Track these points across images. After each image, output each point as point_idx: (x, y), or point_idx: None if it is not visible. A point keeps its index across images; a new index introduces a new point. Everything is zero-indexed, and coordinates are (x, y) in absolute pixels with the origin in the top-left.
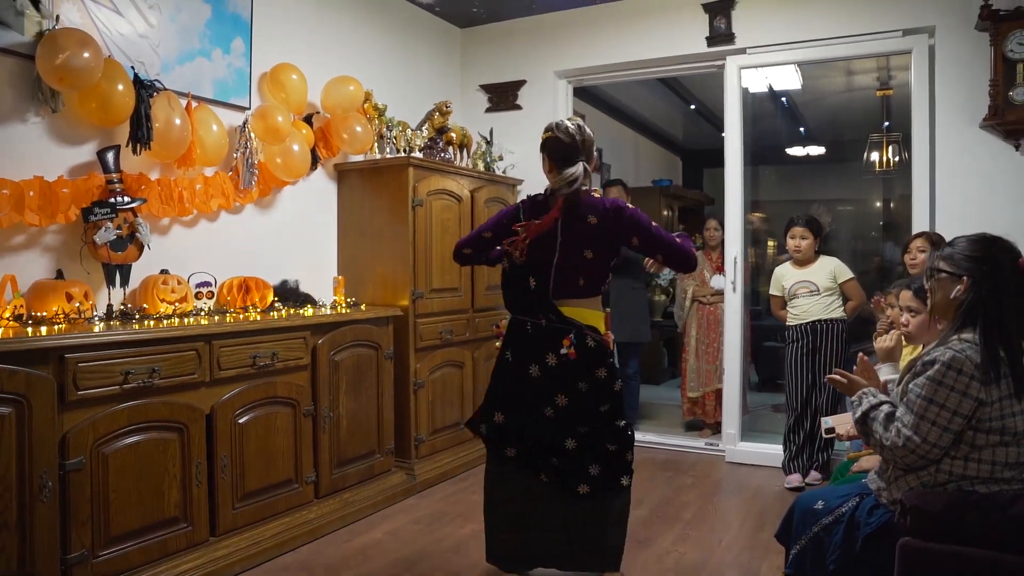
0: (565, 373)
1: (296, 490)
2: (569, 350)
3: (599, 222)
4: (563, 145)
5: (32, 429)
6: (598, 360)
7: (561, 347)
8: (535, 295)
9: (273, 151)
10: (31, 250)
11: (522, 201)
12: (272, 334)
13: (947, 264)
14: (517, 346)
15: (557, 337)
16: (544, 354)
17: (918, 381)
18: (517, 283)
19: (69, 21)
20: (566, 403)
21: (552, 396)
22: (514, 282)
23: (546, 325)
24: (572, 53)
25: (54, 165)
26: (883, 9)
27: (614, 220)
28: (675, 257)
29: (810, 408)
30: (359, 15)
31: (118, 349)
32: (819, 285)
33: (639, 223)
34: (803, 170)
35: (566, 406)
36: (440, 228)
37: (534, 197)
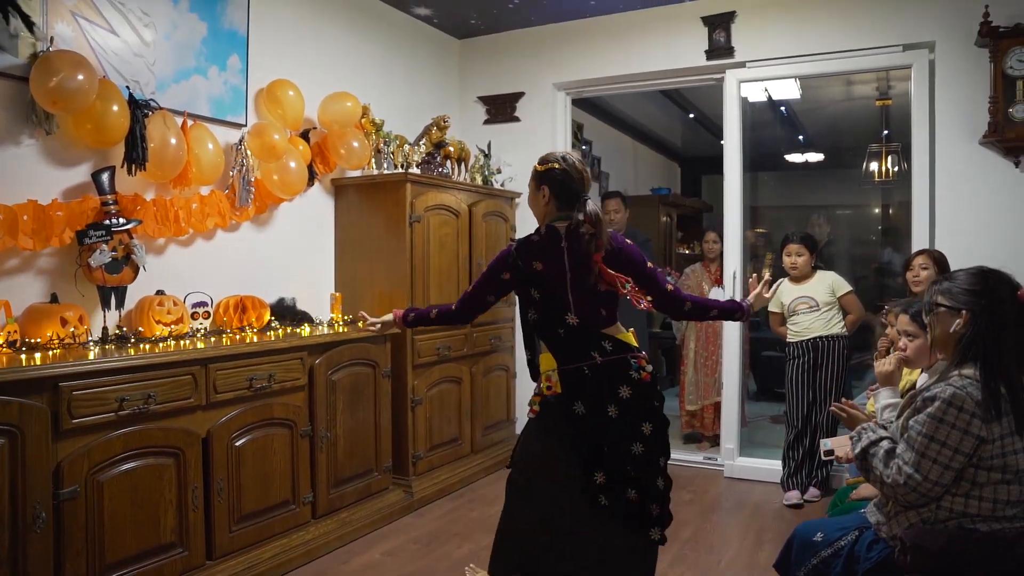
0: (643, 399)
1: (293, 511)
2: (642, 373)
3: (605, 255)
4: (572, 181)
5: (25, 460)
6: (654, 378)
7: (629, 374)
8: (580, 332)
9: (270, 168)
10: (25, 273)
11: (515, 248)
12: (269, 356)
13: (946, 298)
14: (583, 394)
15: (619, 368)
16: (616, 390)
17: (919, 418)
18: (556, 327)
19: (64, 42)
20: (651, 430)
21: (638, 428)
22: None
23: (602, 361)
24: (571, 65)
25: (48, 187)
26: (883, 24)
27: (614, 256)
28: (666, 304)
29: (810, 425)
30: (356, 28)
31: (113, 376)
32: (818, 300)
33: (635, 261)
34: (802, 176)
35: (652, 433)
36: (438, 244)
37: (528, 238)
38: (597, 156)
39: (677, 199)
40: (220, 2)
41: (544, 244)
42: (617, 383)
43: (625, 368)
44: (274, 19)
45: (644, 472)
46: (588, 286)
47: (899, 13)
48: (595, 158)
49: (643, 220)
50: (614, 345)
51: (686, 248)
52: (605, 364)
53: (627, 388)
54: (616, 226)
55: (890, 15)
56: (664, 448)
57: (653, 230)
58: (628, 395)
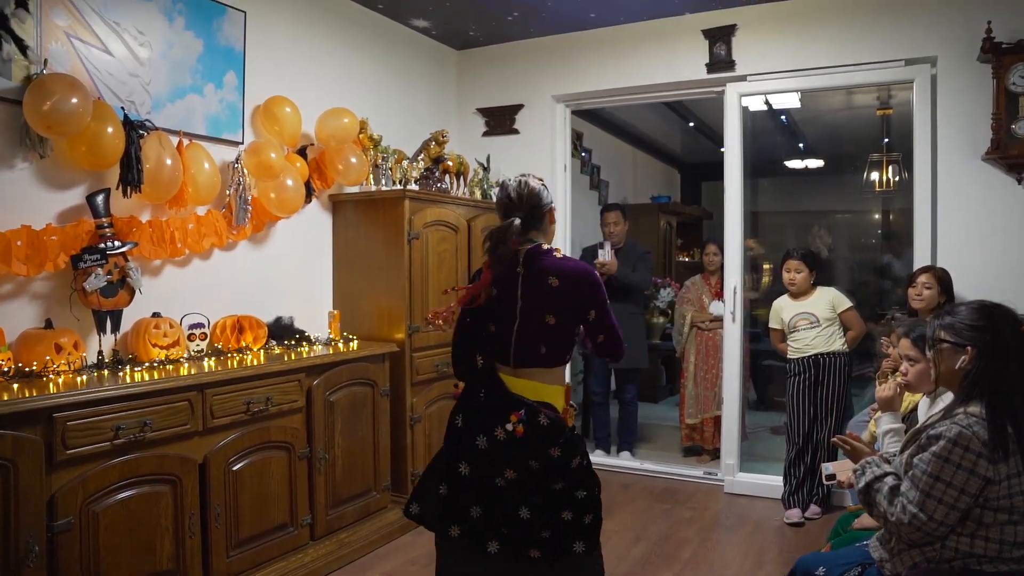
0: (513, 450)
1: (291, 533)
2: (516, 427)
3: (560, 284)
4: (504, 204)
5: (18, 492)
6: (551, 438)
7: (507, 423)
8: (485, 365)
9: (267, 186)
10: (19, 299)
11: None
12: (266, 379)
13: (949, 334)
14: (468, 413)
15: (506, 410)
16: (493, 426)
17: (923, 456)
18: (467, 348)
19: (58, 63)
20: (515, 477)
21: (501, 469)
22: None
23: (499, 395)
24: (570, 77)
25: (43, 211)
26: (885, 38)
27: (576, 284)
28: (608, 346)
29: (811, 442)
30: (354, 42)
31: (107, 404)
32: (819, 316)
33: (599, 297)
34: (802, 182)
35: (515, 479)
36: (436, 260)
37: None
38: (597, 164)
39: (677, 207)
40: (216, 19)
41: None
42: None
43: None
44: (271, 35)
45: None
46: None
47: (901, 28)
48: (595, 166)
49: (643, 228)
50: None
51: (686, 256)
52: (499, 398)
53: (501, 431)
54: (616, 238)
55: (892, 30)
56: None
57: (653, 238)
58: (502, 437)
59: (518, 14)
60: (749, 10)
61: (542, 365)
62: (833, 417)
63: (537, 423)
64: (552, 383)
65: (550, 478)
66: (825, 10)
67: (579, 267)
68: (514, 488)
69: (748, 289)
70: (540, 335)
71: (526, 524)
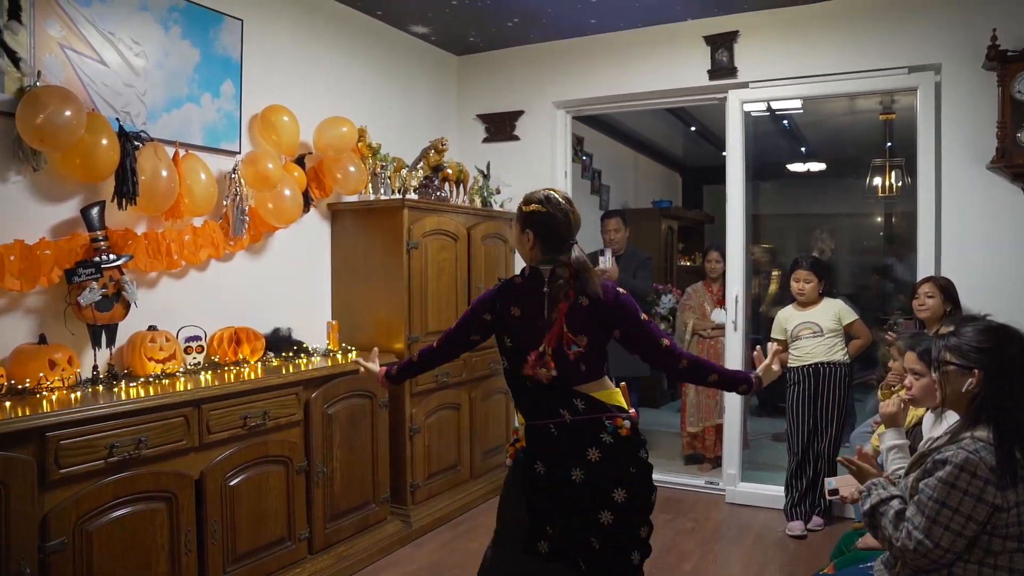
0: (616, 462)
1: (289, 548)
2: (621, 430)
3: (590, 304)
4: (557, 224)
5: (9, 514)
6: (638, 441)
7: (600, 436)
8: (548, 388)
9: (264, 196)
10: (12, 314)
11: (498, 286)
12: (263, 392)
13: (955, 356)
14: (546, 454)
15: (589, 429)
16: (584, 452)
17: (929, 482)
18: (524, 379)
19: (52, 75)
20: (625, 497)
21: (608, 495)
22: (519, 379)
23: (571, 420)
24: (571, 83)
25: (37, 224)
26: (889, 46)
27: (607, 303)
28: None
29: (812, 452)
30: (352, 49)
31: (102, 422)
32: (823, 327)
33: (629, 315)
34: (804, 184)
35: (626, 500)
36: (436, 269)
37: (511, 280)
38: (597, 169)
39: (678, 211)
40: (213, 28)
41: (525, 288)
42: (586, 445)
43: (597, 429)
44: (268, 43)
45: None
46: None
47: (905, 35)
48: (595, 171)
49: (644, 233)
50: (587, 404)
51: (687, 260)
52: (574, 424)
53: (596, 451)
54: (616, 245)
55: (896, 37)
56: (644, 513)
57: (654, 243)
58: (597, 458)
59: (518, 20)
60: (751, 16)
61: (588, 380)
62: (833, 428)
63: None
64: (606, 388)
65: (648, 485)
66: (828, 17)
67: (606, 287)
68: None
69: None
70: (575, 353)
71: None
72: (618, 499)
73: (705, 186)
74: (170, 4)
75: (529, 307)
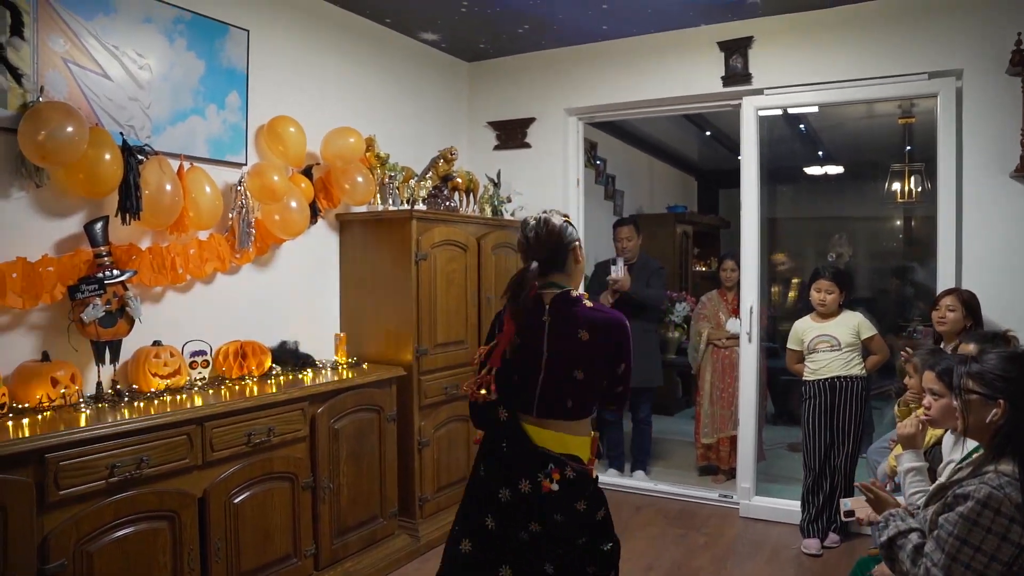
0: (538, 503)
1: (295, 564)
2: (546, 482)
3: (591, 338)
4: (521, 246)
5: (7, 537)
6: (578, 492)
7: (537, 476)
8: (508, 418)
9: (271, 208)
10: (15, 331)
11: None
12: (268, 409)
13: (979, 384)
14: (490, 464)
15: (533, 463)
16: (518, 479)
17: (950, 517)
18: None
19: (55, 90)
20: (540, 530)
21: (526, 523)
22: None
23: (524, 448)
24: (582, 90)
25: (40, 240)
26: (908, 51)
27: (608, 337)
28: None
29: (829, 467)
30: (360, 57)
31: (102, 443)
32: (840, 340)
33: (625, 348)
34: (821, 188)
35: (540, 533)
36: (445, 280)
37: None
38: (612, 174)
39: (694, 216)
40: (218, 39)
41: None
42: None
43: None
44: (275, 54)
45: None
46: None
47: (925, 39)
48: (609, 176)
49: (659, 238)
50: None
51: (703, 266)
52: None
53: (527, 483)
54: (629, 254)
55: (915, 41)
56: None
57: (669, 248)
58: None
59: (529, 26)
60: (766, 21)
61: (568, 418)
62: (850, 442)
63: (564, 477)
64: (579, 434)
65: (577, 531)
66: (845, 22)
67: (610, 319)
68: (539, 542)
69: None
70: (567, 389)
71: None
72: (533, 529)
73: (721, 190)
74: (175, 16)
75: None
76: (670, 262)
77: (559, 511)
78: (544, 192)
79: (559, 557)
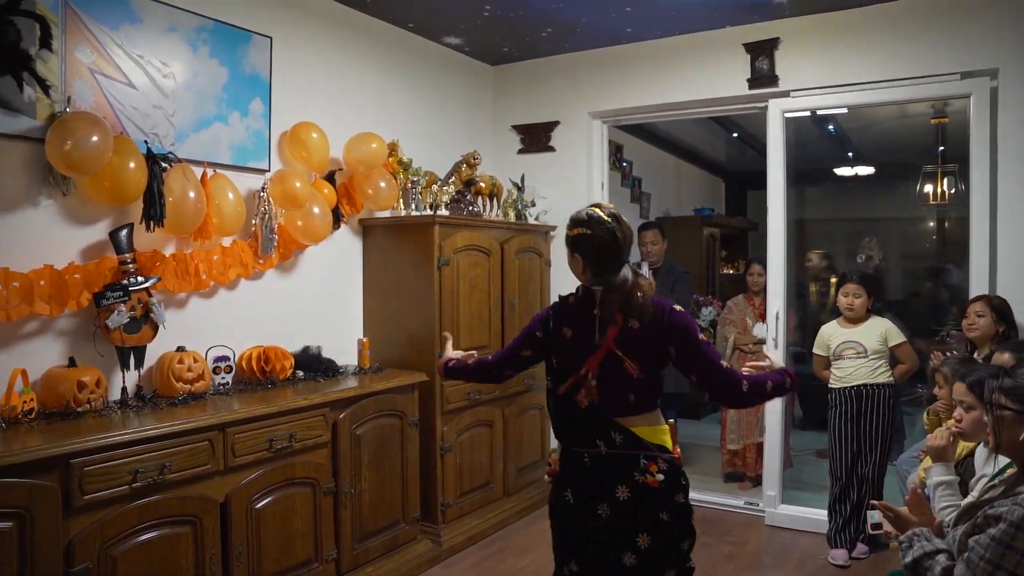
0: (644, 506)
1: (316, 569)
2: (648, 477)
3: (641, 327)
4: (603, 245)
5: (35, 540)
6: (675, 485)
7: (632, 475)
8: (588, 415)
9: (294, 214)
10: (42, 337)
11: (553, 304)
12: (290, 415)
13: (1012, 400)
14: (577, 483)
15: (622, 465)
16: (614, 488)
17: (981, 539)
18: (565, 403)
19: (82, 100)
20: (649, 544)
21: (633, 538)
22: (560, 403)
23: (606, 453)
24: (607, 93)
25: (67, 247)
26: (940, 51)
27: (658, 323)
28: (716, 386)
29: (856, 477)
30: (383, 61)
31: (125, 448)
32: (867, 347)
33: (685, 330)
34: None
35: (650, 547)
36: (468, 285)
37: (565, 299)
38: (637, 176)
39: (721, 219)
40: (241, 46)
41: (576, 308)
42: (616, 481)
43: (631, 467)
44: (297, 60)
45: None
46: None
47: (957, 39)
48: (635, 179)
49: (686, 241)
50: (625, 438)
51: (730, 268)
52: (609, 457)
53: (626, 489)
54: (654, 258)
55: (947, 41)
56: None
57: (696, 251)
58: (626, 497)
59: (552, 30)
60: (793, 22)
61: (635, 412)
62: (878, 451)
63: (660, 469)
64: (655, 424)
65: (682, 532)
66: (874, 21)
67: (659, 304)
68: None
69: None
70: (625, 383)
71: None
72: (641, 545)
73: (749, 191)
74: (198, 24)
75: (580, 329)
76: (697, 265)
77: (665, 508)
78: (568, 196)
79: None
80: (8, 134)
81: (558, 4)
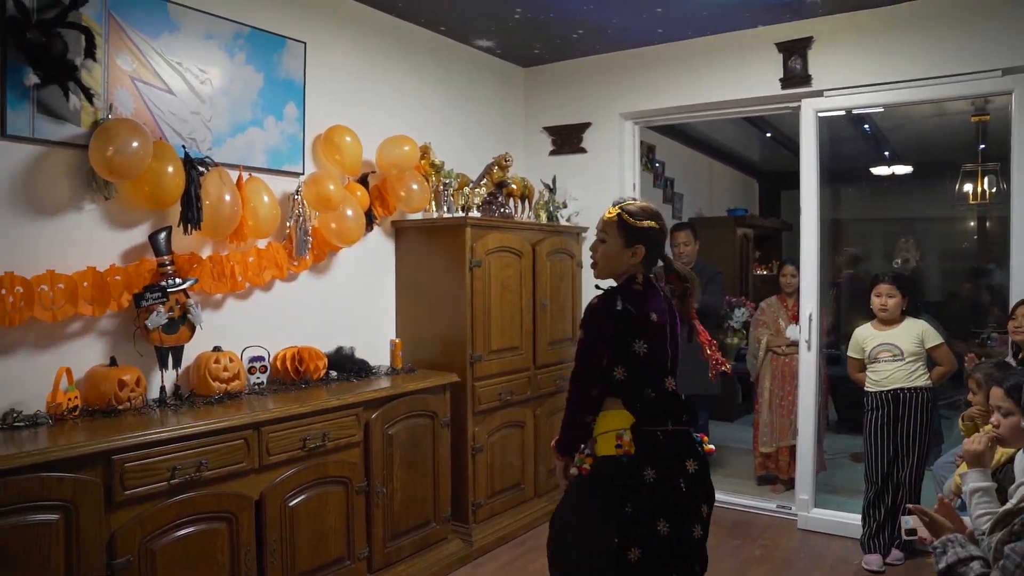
0: (705, 477)
1: (348, 567)
2: (707, 446)
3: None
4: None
5: (80, 532)
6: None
7: (695, 447)
8: (670, 397)
9: (327, 217)
10: (85, 337)
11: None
12: (323, 414)
13: None
14: (657, 461)
15: (686, 439)
16: (684, 462)
17: (1017, 547)
18: (648, 387)
19: (123, 107)
20: (707, 513)
21: (699, 509)
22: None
23: (672, 430)
24: (638, 94)
25: (108, 250)
26: (979, 47)
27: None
28: None
29: (891, 481)
30: (415, 65)
31: (165, 446)
32: (903, 349)
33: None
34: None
35: (707, 516)
36: (500, 287)
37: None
38: (670, 177)
39: (754, 219)
40: (276, 52)
41: (649, 295)
42: (685, 455)
43: (690, 439)
44: (331, 64)
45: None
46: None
47: (998, 34)
48: (668, 179)
49: (719, 242)
50: (686, 413)
51: (764, 269)
52: (675, 433)
53: (693, 462)
54: (686, 259)
55: (986, 37)
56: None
57: (729, 252)
58: (694, 469)
59: (583, 31)
60: (826, 21)
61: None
62: (915, 456)
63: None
64: None
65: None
66: (908, 19)
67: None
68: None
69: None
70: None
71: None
72: (704, 514)
73: (783, 192)
74: (235, 31)
75: (662, 313)
76: (730, 266)
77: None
78: (600, 197)
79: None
80: (55, 141)
81: (589, 6)
